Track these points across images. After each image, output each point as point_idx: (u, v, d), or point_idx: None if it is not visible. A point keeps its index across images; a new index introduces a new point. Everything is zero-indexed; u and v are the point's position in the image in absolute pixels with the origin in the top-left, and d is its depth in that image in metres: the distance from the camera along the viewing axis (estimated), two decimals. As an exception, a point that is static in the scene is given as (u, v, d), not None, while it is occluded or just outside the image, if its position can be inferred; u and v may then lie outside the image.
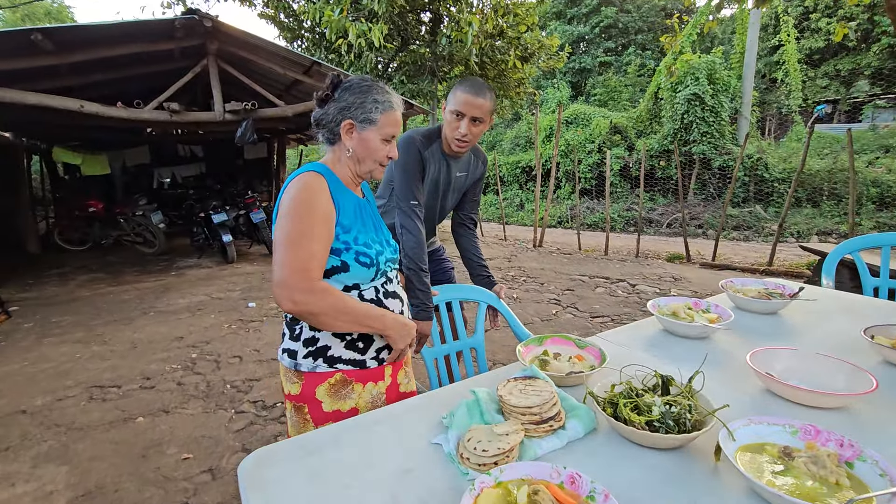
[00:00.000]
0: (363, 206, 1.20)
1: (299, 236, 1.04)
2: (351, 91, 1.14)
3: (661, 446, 0.87)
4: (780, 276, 5.62)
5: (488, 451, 0.83)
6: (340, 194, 1.13)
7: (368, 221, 1.20)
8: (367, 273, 1.13)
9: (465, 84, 1.66)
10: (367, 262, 1.12)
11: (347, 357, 1.14)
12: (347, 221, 1.12)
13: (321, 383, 1.13)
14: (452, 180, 1.89)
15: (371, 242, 1.15)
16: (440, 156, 1.81)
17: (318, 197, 1.07)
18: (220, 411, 2.73)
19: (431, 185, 1.84)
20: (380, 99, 1.14)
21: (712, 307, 1.49)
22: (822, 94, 15.40)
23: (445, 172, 1.85)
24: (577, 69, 21.10)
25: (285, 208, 1.07)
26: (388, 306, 1.18)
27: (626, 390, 0.96)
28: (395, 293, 1.22)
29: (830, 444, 0.80)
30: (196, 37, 5.20)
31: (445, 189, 1.90)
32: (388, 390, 1.21)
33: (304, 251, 1.03)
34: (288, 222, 1.05)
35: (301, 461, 0.88)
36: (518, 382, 1.02)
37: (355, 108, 1.13)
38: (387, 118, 1.15)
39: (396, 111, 1.18)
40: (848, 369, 1.05)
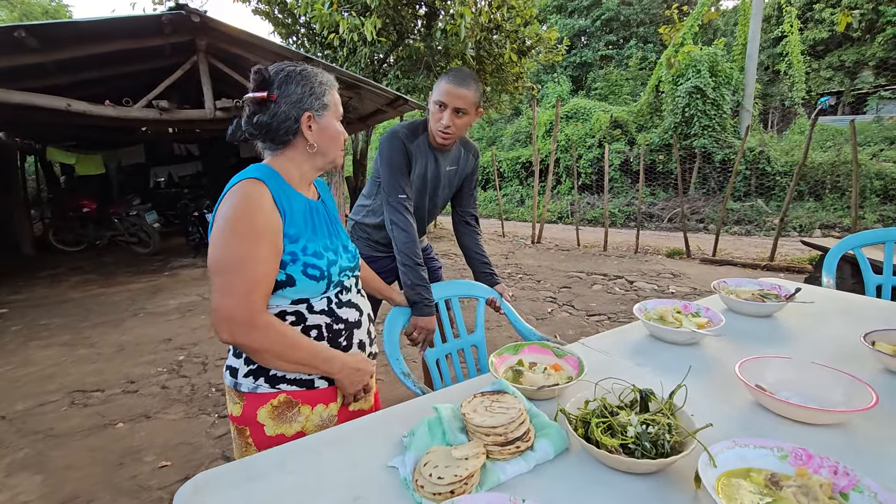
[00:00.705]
0: (315, 208, 1.08)
1: (240, 260, 0.91)
2: (294, 82, 1.02)
3: (636, 471, 0.78)
4: (782, 271, 5.51)
5: (444, 479, 0.75)
6: (287, 200, 1.01)
7: (321, 226, 1.08)
8: (316, 286, 1.01)
9: (449, 74, 1.60)
10: (317, 274, 1.01)
11: (292, 377, 1.03)
12: (294, 230, 1.00)
13: (263, 405, 1.02)
14: (442, 175, 1.81)
15: (322, 251, 1.03)
16: (427, 149, 1.74)
17: (259, 209, 0.94)
18: (202, 416, 2.66)
19: (419, 180, 1.76)
20: (322, 79, 1.05)
21: (702, 311, 1.40)
22: (826, 86, 15.21)
23: (434, 167, 1.77)
24: (578, 63, 20.92)
25: (222, 225, 0.93)
26: (343, 316, 1.08)
27: (600, 408, 0.88)
28: (350, 302, 1.11)
29: (823, 472, 0.71)
30: (185, 33, 5.10)
31: (435, 184, 1.82)
32: (340, 412, 1.11)
33: (246, 278, 0.92)
34: (226, 243, 0.92)
35: (243, 488, 0.80)
36: (485, 398, 0.94)
37: (308, 98, 1.02)
38: (334, 97, 1.08)
39: (336, 86, 1.10)
40: (846, 381, 0.96)
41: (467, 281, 1.82)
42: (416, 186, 1.76)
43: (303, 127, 1.03)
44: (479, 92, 1.65)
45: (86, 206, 7.84)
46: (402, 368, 1.46)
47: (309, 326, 1.04)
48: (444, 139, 1.66)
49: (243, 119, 1.06)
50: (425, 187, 1.80)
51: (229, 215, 0.93)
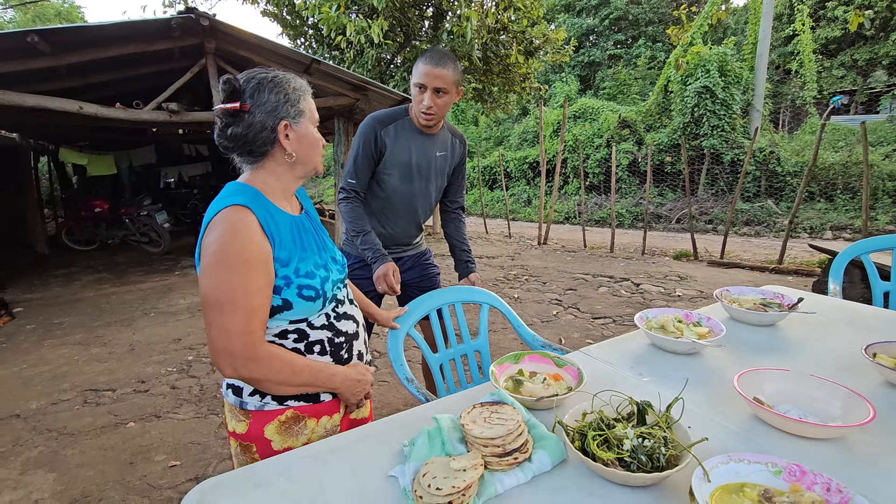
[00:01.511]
0: (300, 224, 1.06)
1: (234, 294, 0.89)
2: (267, 90, 0.98)
3: (631, 484, 0.80)
4: (790, 274, 5.47)
5: (442, 490, 0.76)
6: (273, 222, 0.97)
7: (309, 241, 1.06)
8: (313, 306, 1.01)
9: (426, 56, 1.64)
10: (312, 294, 1.00)
11: (300, 393, 1.04)
12: (285, 254, 0.98)
13: (270, 422, 1.02)
14: (432, 160, 1.81)
15: (315, 269, 1.02)
16: (411, 134, 1.75)
17: (248, 240, 0.91)
18: (210, 416, 2.71)
19: (402, 167, 1.77)
20: (296, 85, 1.02)
21: (704, 320, 1.41)
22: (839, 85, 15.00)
23: (421, 151, 1.77)
24: (586, 62, 20.81)
25: (210, 259, 0.90)
26: (342, 329, 1.10)
27: (597, 420, 0.89)
28: (347, 314, 1.12)
29: (816, 488, 0.72)
30: (194, 36, 5.17)
31: (426, 171, 1.82)
32: (342, 421, 1.14)
33: (243, 312, 0.90)
34: (217, 277, 0.89)
35: (248, 496, 0.82)
36: (484, 409, 0.96)
37: (283, 105, 0.98)
38: (309, 103, 1.05)
39: (310, 91, 1.07)
40: (844, 395, 0.97)
41: (471, 287, 1.83)
42: (398, 173, 1.76)
43: (280, 136, 0.99)
44: (458, 71, 1.68)
45: (98, 207, 7.96)
46: (405, 374, 1.48)
47: (312, 343, 1.04)
48: (427, 120, 1.70)
49: (216, 132, 1.01)
50: (411, 173, 1.79)
51: (216, 249, 0.90)
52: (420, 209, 1.90)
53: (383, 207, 1.86)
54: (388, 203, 1.84)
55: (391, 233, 1.91)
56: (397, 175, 1.77)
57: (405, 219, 1.90)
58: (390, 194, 1.82)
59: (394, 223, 1.89)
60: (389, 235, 1.91)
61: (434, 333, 1.67)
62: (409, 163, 1.76)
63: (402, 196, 1.82)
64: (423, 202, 1.89)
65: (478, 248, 7.90)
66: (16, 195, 8.00)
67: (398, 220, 1.89)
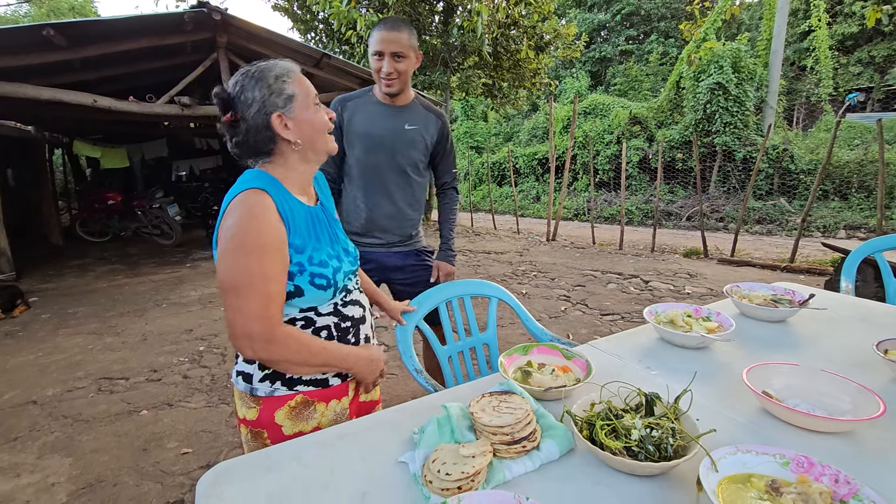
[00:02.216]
0: (315, 214, 1.07)
1: (253, 278, 0.91)
2: (249, 88, 0.96)
3: (638, 473, 0.81)
4: (802, 273, 5.40)
5: (451, 475, 0.78)
6: (290, 209, 0.99)
7: (323, 232, 1.07)
8: (324, 295, 1.03)
9: (379, 24, 1.70)
10: (324, 283, 1.01)
11: (308, 377, 1.05)
12: (300, 240, 0.99)
13: (280, 407, 1.03)
14: (399, 132, 1.79)
15: (328, 259, 1.04)
16: (374, 107, 1.78)
17: (265, 223, 0.92)
18: (221, 405, 2.75)
19: (363, 139, 1.78)
20: (278, 72, 0.98)
21: (713, 315, 1.41)
22: (855, 82, 14.73)
23: (384, 123, 1.78)
24: (597, 58, 20.64)
25: (230, 241, 0.91)
26: (349, 314, 1.11)
27: (605, 411, 0.90)
28: (354, 300, 1.13)
29: (824, 480, 0.72)
30: (206, 30, 5.21)
31: (390, 143, 1.79)
32: (350, 405, 1.15)
33: (260, 296, 0.91)
34: (235, 261, 0.91)
35: (260, 479, 0.84)
36: (493, 398, 0.97)
37: (269, 98, 0.96)
38: (299, 84, 1.01)
39: (296, 71, 1.03)
40: (854, 389, 0.97)
41: (479, 280, 1.84)
42: (360, 145, 1.79)
43: (277, 129, 0.98)
44: (413, 35, 1.73)
45: (111, 199, 8.07)
46: (414, 365, 1.49)
47: (319, 328, 1.06)
48: (388, 86, 1.72)
49: (228, 146, 1.03)
50: (374, 145, 1.79)
51: (234, 233, 0.91)
52: (393, 184, 1.85)
53: (358, 184, 1.86)
54: (358, 178, 1.85)
55: (371, 214, 1.88)
56: (360, 147, 1.79)
57: (380, 195, 1.86)
58: (355, 166, 1.83)
59: (371, 200, 1.86)
60: (371, 218, 1.88)
61: (443, 326, 1.68)
62: (369, 134, 1.77)
63: (368, 169, 1.82)
64: (394, 177, 1.85)
65: (486, 244, 7.90)
66: (31, 187, 8.13)
67: (372, 196, 1.86)
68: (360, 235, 1.91)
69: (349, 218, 1.91)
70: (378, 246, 1.93)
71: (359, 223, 1.90)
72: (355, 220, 1.90)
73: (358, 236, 1.92)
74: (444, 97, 8.65)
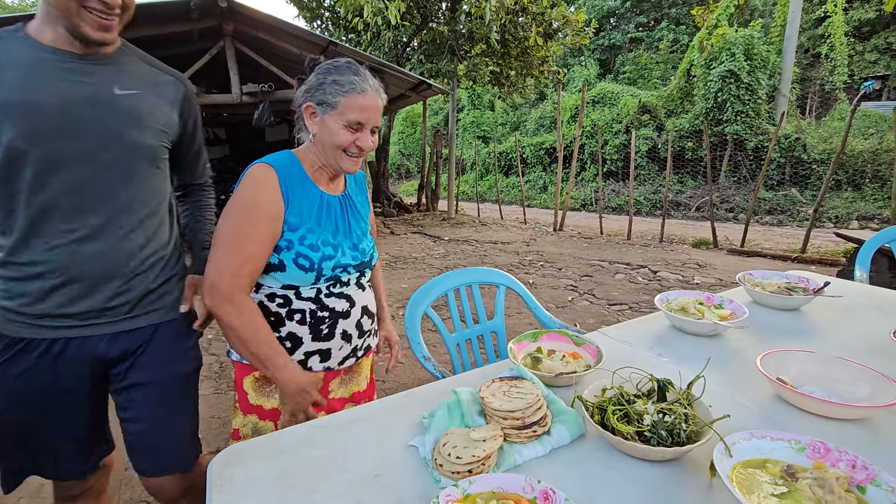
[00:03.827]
0: (329, 202, 1.09)
1: (236, 236, 0.98)
2: (316, 72, 1.05)
3: (651, 458, 0.80)
4: (813, 263, 5.34)
5: (462, 459, 0.78)
6: (296, 188, 1.03)
7: (330, 221, 1.08)
8: (304, 276, 1.04)
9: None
10: (306, 265, 1.03)
11: None
12: (296, 220, 1.03)
13: (247, 374, 1.12)
14: (102, 101, 0.99)
15: (321, 245, 1.05)
16: (34, 58, 0.94)
17: (261, 192, 1.00)
18: (230, 392, 2.78)
19: (21, 117, 0.92)
20: (340, 80, 1.01)
21: (726, 303, 1.39)
22: (871, 70, 14.40)
23: (67, 86, 0.95)
24: (606, 46, 20.34)
25: (230, 204, 1.01)
26: (329, 305, 1.09)
27: (617, 396, 0.89)
28: (342, 294, 1.10)
29: (841, 465, 0.71)
30: (212, 18, 5.18)
31: (88, 120, 0.97)
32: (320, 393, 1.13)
33: (238, 254, 0.98)
34: (226, 219, 1.00)
35: (272, 460, 0.85)
36: (503, 383, 0.97)
37: (315, 90, 1.03)
38: (350, 101, 1.00)
39: (362, 95, 1.01)
40: (871, 377, 0.95)
41: (487, 268, 1.83)
42: (13, 128, 0.91)
43: (305, 115, 1.05)
44: None
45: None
46: (422, 352, 1.49)
47: (293, 311, 1.06)
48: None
49: None
50: (48, 125, 0.93)
51: (234, 196, 1.01)
52: (101, 199, 1.00)
53: (17, 211, 0.96)
54: (16, 196, 0.95)
55: (55, 265, 0.98)
56: (14, 132, 0.91)
57: (71, 223, 0.98)
58: (13, 173, 0.94)
59: (50, 238, 0.97)
60: (63, 266, 0.98)
61: (451, 313, 1.68)
62: (34, 105, 0.92)
63: (44, 173, 0.95)
64: (104, 183, 1.00)
65: (493, 234, 7.88)
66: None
67: (55, 230, 0.97)
68: (39, 317, 0.99)
69: None
70: (78, 325, 1.03)
71: (33, 286, 0.98)
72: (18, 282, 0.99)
73: (33, 320, 0.99)
74: (452, 85, 8.58)
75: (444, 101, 17.25)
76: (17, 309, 0.99)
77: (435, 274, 4.86)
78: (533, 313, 1.78)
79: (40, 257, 0.97)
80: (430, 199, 9.99)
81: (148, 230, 1.09)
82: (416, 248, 6.68)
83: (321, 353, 1.11)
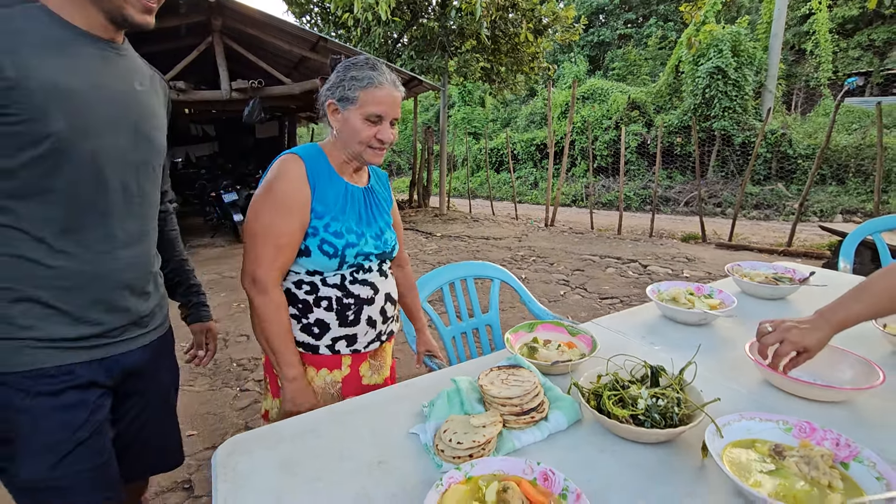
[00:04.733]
0: (353, 193, 1.14)
1: (268, 228, 1.04)
2: (336, 69, 1.09)
3: (645, 441, 0.83)
4: (799, 256, 5.44)
5: (463, 444, 0.80)
6: (323, 179, 1.09)
7: (354, 210, 1.13)
8: (328, 262, 1.08)
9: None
10: (330, 251, 1.08)
11: (301, 339, 1.13)
12: (322, 208, 1.08)
13: None
14: (132, 97, 0.91)
15: (344, 232, 1.09)
16: (74, 35, 0.81)
17: (290, 183, 1.05)
18: (225, 388, 2.77)
19: (68, 103, 0.79)
20: (358, 75, 1.05)
21: (715, 293, 1.42)
22: (855, 66, 14.64)
23: (103, 76, 0.85)
24: (596, 42, 20.42)
25: (258, 197, 1.06)
26: (354, 292, 1.13)
27: (612, 382, 0.92)
28: (366, 281, 1.15)
29: (826, 443, 0.75)
30: (200, 12, 5.13)
31: (122, 115, 0.88)
32: (345, 380, 1.17)
33: (272, 245, 1.04)
34: (257, 211, 1.05)
35: (275, 449, 0.86)
36: (501, 371, 0.99)
37: (335, 87, 1.07)
38: (368, 95, 1.04)
39: (379, 88, 1.04)
40: (854, 361, 0.99)
41: (482, 262, 1.85)
42: (65, 116, 0.78)
43: (328, 111, 1.10)
44: None
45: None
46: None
47: (320, 298, 1.12)
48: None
49: None
50: (97, 116, 0.83)
51: (263, 188, 1.06)
52: (138, 201, 0.94)
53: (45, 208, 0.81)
54: (54, 199, 0.81)
55: (90, 268, 0.87)
56: (64, 123, 0.78)
57: (110, 228, 0.89)
58: (54, 172, 0.80)
59: (77, 240, 0.85)
60: (88, 281, 0.87)
61: (447, 307, 1.70)
62: (79, 94, 0.80)
63: (89, 172, 0.84)
64: (139, 183, 0.94)
65: (485, 230, 7.90)
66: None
67: (85, 230, 0.86)
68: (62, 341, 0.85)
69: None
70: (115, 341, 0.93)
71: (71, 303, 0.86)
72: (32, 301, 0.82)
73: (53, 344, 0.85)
74: (443, 82, 8.57)
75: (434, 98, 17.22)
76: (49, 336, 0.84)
77: (428, 270, 4.88)
78: (527, 306, 1.81)
79: (81, 267, 0.86)
80: (421, 196, 9.98)
81: (154, 236, 1.03)
82: (409, 245, 6.69)
83: (347, 338, 1.15)
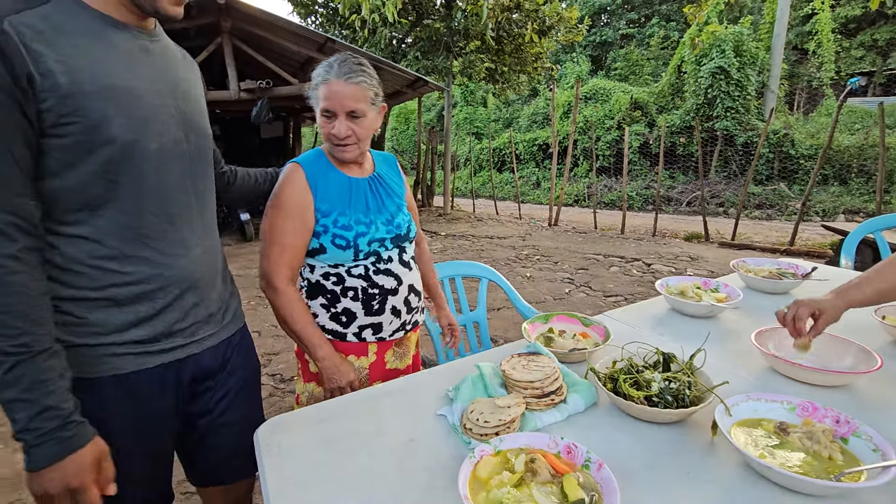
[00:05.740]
0: (355, 184, 1.19)
1: (275, 231, 1.13)
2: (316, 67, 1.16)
3: (658, 420, 0.89)
4: (801, 256, 5.50)
5: (490, 423, 0.86)
6: (322, 179, 1.16)
7: (359, 200, 1.18)
8: (344, 254, 1.15)
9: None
10: (343, 244, 1.14)
11: (330, 327, 1.19)
12: (327, 206, 1.15)
13: None
14: (178, 86, 0.88)
15: (353, 224, 1.15)
16: (110, 25, 0.78)
17: (292, 190, 1.14)
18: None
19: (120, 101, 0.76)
20: (315, 74, 1.12)
21: (721, 287, 1.49)
22: (857, 66, 14.67)
23: (147, 67, 0.82)
24: (598, 42, 20.47)
25: (268, 203, 1.17)
26: (378, 282, 1.18)
27: (627, 367, 0.98)
28: (389, 271, 1.20)
29: (827, 420, 0.81)
30: (209, 14, 5.19)
31: (172, 107, 0.86)
32: (372, 367, 1.23)
33: (278, 245, 1.13)
34: (266, 216, 1.15)
35: (313, 428, 0.93)
36: (521, 358, 1.05)
37: (311, 88, 1.14)
38: (320, 92, 1.10)
39: (327, 84, 1.08)
40: (855, 349, 1.05)
41: (470, 262, 1.89)
42: (120, 114, 0.76)
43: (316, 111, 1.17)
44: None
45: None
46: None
47: (347, 288, 1.18)
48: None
49: None
50: (154, 113, 0.82)
51: (272, 195, 1.17)
52: (201, 195, 0.94)
53: (122, 213, 0.80)
54: (121, 200, 0.80)
55: (165, 271, 0.86)
56: (123, 123, 0.77)
57: (177, 224, 0.88)
58: (119, 174, 0.78)
59: (160, 241, 0.85)
60: (164, 284, 0.86)
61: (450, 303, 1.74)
62: (133, 90, 0.79)
63: (152, 170, 0.83)
64: (200, 177, 0.94)
65: (489, 229, 7.97)
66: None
67: (156, 235, 0.85)
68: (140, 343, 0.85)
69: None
70: (189, 342, 0.92)
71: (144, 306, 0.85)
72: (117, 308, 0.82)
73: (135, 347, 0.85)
74: (447, 82, 8.63)
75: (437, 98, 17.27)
76: (130, 340, 0.83)
77: (434, 268, 4.94)
78: (514, 304, 1.84)
79: (153, 270, 0.85)
80: (425, 196, 10.05)
81: (216, 228, 1.01)
82: (414, 244, 6.75)
83: (373, 327, 1.20)
